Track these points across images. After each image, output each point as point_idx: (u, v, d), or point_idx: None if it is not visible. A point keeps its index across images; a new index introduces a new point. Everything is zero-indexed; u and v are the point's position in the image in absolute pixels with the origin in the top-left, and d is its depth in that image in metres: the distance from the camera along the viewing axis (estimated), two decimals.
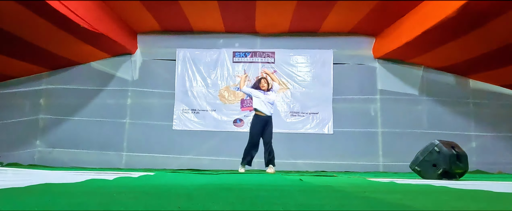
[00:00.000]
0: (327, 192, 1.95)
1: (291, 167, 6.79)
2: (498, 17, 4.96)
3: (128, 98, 7.45)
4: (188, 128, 7.38)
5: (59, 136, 7.25)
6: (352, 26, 7.16)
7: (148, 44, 7.65)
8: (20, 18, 5.11)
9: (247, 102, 7.48)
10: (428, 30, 5.67)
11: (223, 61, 7.62)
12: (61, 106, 7.36)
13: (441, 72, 7.39)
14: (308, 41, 7.58)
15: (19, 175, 3.43)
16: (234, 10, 6.60)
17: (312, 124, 7.37)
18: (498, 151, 7.12)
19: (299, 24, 7.12)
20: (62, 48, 6.57)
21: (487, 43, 5.78)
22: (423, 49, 6.65)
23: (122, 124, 7.35)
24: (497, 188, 2.45)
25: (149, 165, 6.97)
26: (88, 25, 5.66)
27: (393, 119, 7.30)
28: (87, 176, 3.23)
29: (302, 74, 7.57)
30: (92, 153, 7.18)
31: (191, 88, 7.54)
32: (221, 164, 7.02)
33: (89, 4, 5.71)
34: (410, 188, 2.44)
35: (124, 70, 7.54)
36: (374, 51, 7.50)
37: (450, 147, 3.86)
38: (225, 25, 7.27)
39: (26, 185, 2.04)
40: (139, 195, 1.68)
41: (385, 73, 7.46)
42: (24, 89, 7.36)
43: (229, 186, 2.29)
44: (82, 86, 7.42)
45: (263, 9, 6.46)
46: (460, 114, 7.31)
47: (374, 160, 7.13)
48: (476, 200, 1.69)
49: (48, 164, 6.93)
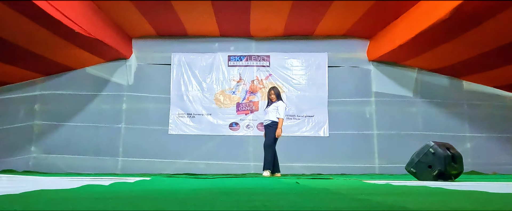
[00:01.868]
0: (323, 195, 1.95)
1: (288, 170, 6.79)
2: (490, 18, 5.00)
3: (123, 103, 7.43)
4: (184, 132, 7.36)
5: (54, 142, 7.21)
6: (346, 29, 7.20)
7: (143, 49, 7.64)
8: (14, 23, 5.08)
9: (242, 106, 7.49)
10: (421, 33, 5.71)
11: (218, 65, 7.62)
12: (56, 112, 7.32)
13: (435, 74, 7.43)
14: (302, 45, 7.61)
15: (14, 182, 3.40)
16: (229, 14, 6.61)
17: (308, 127, 7.38)
18: (492, 152, 7.16)
19: (294, 27, 7.15)
20: (56, 54, 6.54)
21: (480, 45, 5.82)
22: (417, 52, 6.69)
23: (117, 129, 7.32)
24: (492, 188, 2.47)
25: (145, 170, 6.94)
26: (83, 30, 5.64)
27: (388, 121, 7.33)
28: (83, 181, 3.21)
29: (297, 78, 7.58)
30: (88, 159, 7.14)
31: (187, 92, 7.53)
32: (217, 168, 7.01)
33: (83, 9, 5.70)
34: (406, 190, 2.44)
35: (119, 75, 7.52)
36: (368, 53, 7.54)
37: (445, 148, 3.88)
38: (220, 29, 7.28)
39: (21, 191, 2.03)
40: (135, 200, 1.68)
41: (379, 76, 7.50)
42: (18, 95, 7.31)
43: (225, 190, 2.28)
44: (77, 91, 7.38)
45: (258, 13, 6.48)
46: (454, 115, 7.35)
47: (370, 162, 7.15)
48: (472, 200, 1.70)
49: (43, 170, 6.88)
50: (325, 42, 7.59)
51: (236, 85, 7.58)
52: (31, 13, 4.87)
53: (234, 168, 7.06)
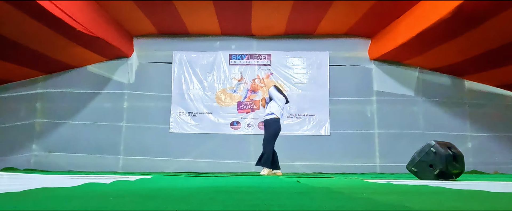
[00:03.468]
0: (324, 194, 1.95)
1: (289, 169, 6.79)
2: (492, 18, 4.99)
3: (124, 101, 7.44)
4: (185, 131, 7.37)
5: (55, 140, 7.22)
6: (348, 28, 7.19)
7: (145, 47, 7.64)
8: (15, 21, 5.09)
9: (244, 105, 7.49)
10: (423, 32, 5.70)
11: (219, 64, 7.62)
12: (57, 110, 7.33)
13: (436, 73, 7.43)
14: (304, 43, 7.60)
15: (15, 180, 3.41)
16: (230, 13, 6.61)
17: (309, 126, 7.38)
18: (494, 151, 7.16)
19: (295, 26, 7.14)
20: (58, 52, 6.55)
21: (482, 44, 5.81)
22: (419, 51, 6.68)
23: (118, 127, 7.33)
24: (494, 188, 2.47)
25: (146, 168, 6.95)
26: (84, 29, 5.64)
27: (390, 120, 7.33)
28: (84, 180, 3.21)
29: (299, 76, 7.58)
30: (89, 157, 7.15)
31: (188, 91, 7.53)
32: (218, 166, 7.02)
33: (85, 7, 5.70)
34: (407, 189, 2.44)
35: (120, 73, 7.52)
36: (370, 52, 7.53)
37: (446, 147, 3.88)
38: (222, 27, 7.27)
39: (22, 189, 2.03)
40: (136, 198, 1.68)
41: (381, 75, 7.49)
42: (19, 94, 7.33)
43: (226, 189, 2.29)
44: (78, 90, 7.39)
45: (259, 11, 6.48)
46: (455, 115, 7.34)
47: (371, 161, 7.15)
48: (473, 200, 1.70)
49: (44, 168, 6.90)
50: (326, 41, 7.58)
51: (237, 84, 7.58)
52: (33, 11, 4.87)
53: (235, 167, 7.06)
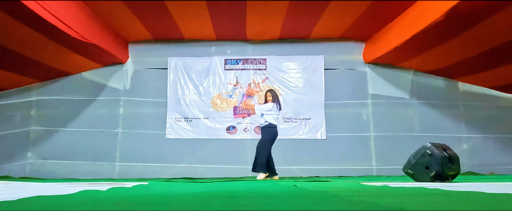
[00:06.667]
0: (322, 197, 1.95)
1: (285, 173, 6.79)
2: (485, 20, 5.04)
3: (120, 108, 7.41)
4: (181, 136, 7.35)
5: (51, 148, 7.17)
6: (342, 31, 7.23)
7: (140, 53, 7.64)
8: (9, 29, 5.06)
9: (239, 110, 7.49)
10: (416, 34, 5.74)
11: (215, 69, 7.63)
12: (52, 117, 7.29)
13: (431, 76, 7.47)
14: (299, 48, 7.63)
15: (11, 188, 3.38)
16: (225, 18, 6.62)
17: (305, 130, 7.39)
18: (489, 152, 7.18)
19: (290, 30, 7.17)
20: (52, 59, 6.53)
21: (475, 46, 5.86)
22: (413, 53, 6.72)
23: (114, 133, 7.30)
24: (490, 189, 2.48)
25: (142, 175, 6.92)
26: (79, 35, 5.63)
27: (385, 123, 7.35)
28: (80, 187, 3.19)
29: (294, 80, 7.60)
30: (85, 164, 7.11)
31: (184, 96, 7.53)
32: (215, 171, 7.00)
33: (79, 14, 5.69)
34: (403, 191, 2.45)
35: (115, 80, 7.51)
36: (364, 56, 7.57)
37: (441, 149, 3.90)
38: (217, 33, 7.29)
39: (18, 198, 2.02)
40: (133, 205, 1.67)
41: (376, 78, 7.52)
42: (14, 101, 7.28)
43: (223, 194, 2.28)
44: (74, 97, 7.36)
45: (254, 16, 6.50)
46: (450, 116, 7.38)
47: (367, 164, 7.16)
48: (469, 201, 1.71)
49: (40, 176, 6.84)
50: (321, 45, 7.61)
51: (233, 88, 7.59)
52: (26, 18, 4.85)
53: (232, 172, 7.04)
